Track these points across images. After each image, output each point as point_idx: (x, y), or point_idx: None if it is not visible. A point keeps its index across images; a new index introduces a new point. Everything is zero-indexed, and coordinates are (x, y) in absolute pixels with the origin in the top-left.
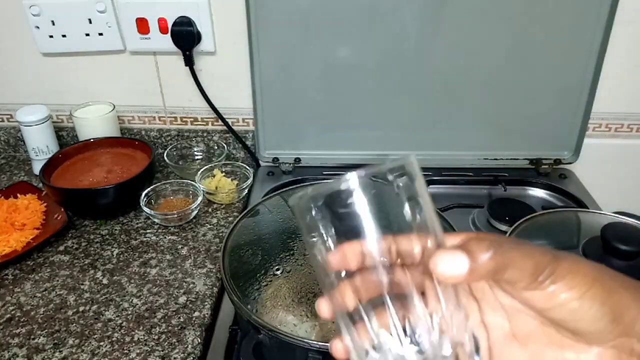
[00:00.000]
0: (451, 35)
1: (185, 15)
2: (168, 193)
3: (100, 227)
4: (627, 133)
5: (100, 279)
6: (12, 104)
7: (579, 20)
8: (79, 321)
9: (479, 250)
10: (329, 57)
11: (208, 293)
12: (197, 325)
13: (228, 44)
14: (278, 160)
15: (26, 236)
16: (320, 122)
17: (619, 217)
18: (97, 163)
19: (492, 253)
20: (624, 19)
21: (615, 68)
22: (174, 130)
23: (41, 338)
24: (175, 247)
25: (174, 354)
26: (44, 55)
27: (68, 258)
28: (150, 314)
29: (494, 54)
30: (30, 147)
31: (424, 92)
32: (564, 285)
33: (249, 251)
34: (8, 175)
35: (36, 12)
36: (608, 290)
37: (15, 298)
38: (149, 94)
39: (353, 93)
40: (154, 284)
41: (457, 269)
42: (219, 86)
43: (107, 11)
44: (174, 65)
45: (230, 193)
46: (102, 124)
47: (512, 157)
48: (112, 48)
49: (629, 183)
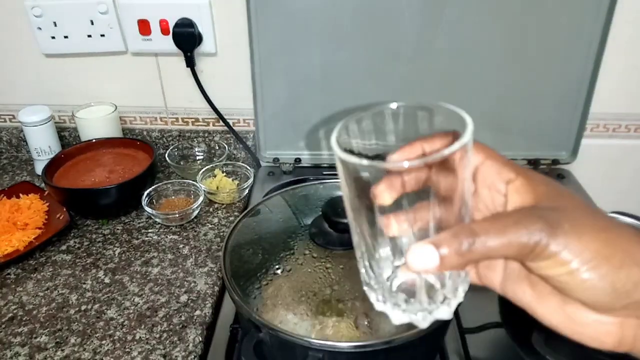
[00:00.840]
0: (450, 36)
1: (186, 17)
2: (169, 193)
3: (102, 226)
4: (625, 133)
5: (102, 278)
6: (14, 105)
7: (577, 21)
8: (81, 320)
9: (452, 244)
10: (329, 57)
11: (209, 292)
12: (198, 323)
13: (229, 45)
14: (278, 161)
15: (28, 236)
16: (320, 122)
17: (617, 217)
18: (99, 163)
19: (466, 247)
20: (623, 20)
21: (613, 69)
22: (176, 131)
23: (43, 337)
24: (176, 246)
25: (175, 352)
26: (46, 56)
27: (70, 257)
28: (151, 312)
29: (492, 55)
30: (32, 148)
31: (424, 92)
32: (554, 262)
33: (250, 250)
34: (10, 175)
35: (38, 13)
36: (616, 265)
37: (18, 297)
38: (151, 95)
39: (353, 93)
40: (155, 283)
41: (426, 264)
42: (219, 87)
43: (109, 12)
44: (176, 66)
45: (231, 193)
46: (104, 125)
47: (510, 157)
48: (113, 49)
49: (627, 183)
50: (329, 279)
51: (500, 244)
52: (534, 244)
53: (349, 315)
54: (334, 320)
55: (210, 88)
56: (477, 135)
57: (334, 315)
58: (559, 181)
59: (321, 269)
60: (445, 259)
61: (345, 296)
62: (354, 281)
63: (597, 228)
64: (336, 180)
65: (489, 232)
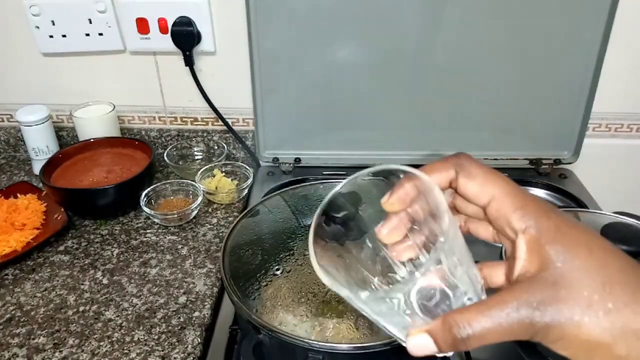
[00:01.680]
0: (451, 35)
1: (185, 15)
2: (168, 193)
3: (100, 227)
4: (627, 133)
5: (100, 279)
6: (12, 104)
7: (579, 20)
8: (79, 321)
9: (444, 335)
10: (328, 57)
11: (208, 293)
12: (197, 325)
13: (228, 44)
14: (278, 160)
15: (26, 236)
16: (320, 122)
17: (619, 217)
18: (97, 163)
19: (454, 338)
20: (624, 19)
21: (615, 68)
22: (174, 130)
23: (41, 338)
24: (175, 247)
25: (174, 354)
26: (44, 55)
27: (68, 258)
28: (150, 314)
29: (494, 55)
30: (30, 147)
31: (424, 92)
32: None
33: (249, 251)
34: (8, 175)
35: (36, 12)
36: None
37: (16, 298)
38: (149, 94)
39: (353, 93)
40: (154, 284)
41: (425, 350)
42: (218, 86)
43: (107, 11)
44: (174, 65)
45: (230, 193)
46: (102, 124)
47: (512, 157)
48: (112, 48)
49: (629, 183)
50: None
51: (496, 325)
52: (530, 336)
53: (349, 317)
54: (334, 322)
55: (209, 87)
56: (479, 135)
57: (334, 316)
58: (561, 181)
59: None
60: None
61: None
62: None
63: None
64: (336, 181)
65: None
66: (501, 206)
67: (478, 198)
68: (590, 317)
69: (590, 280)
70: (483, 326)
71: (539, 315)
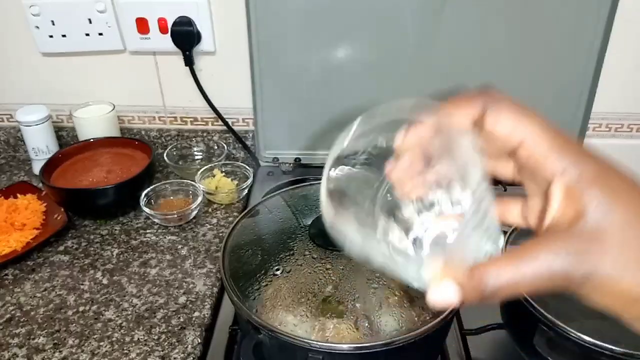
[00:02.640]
0: (451, 35)
1: (185, 15)
2: (168, 193)
3: (100, 227)
4: (628, 133)
5: (100, 279)
6: (11, 104)
7: (579, 20)
8: (79, 321)
9: (472, 285)
10: (328, 57)
11: (208, 293)
12: (197, 325)
13: (228, 43)
14: (278, 160)
15: (26, 236)
16: (320, 122)
17: None
18: (97, 163)
19: (482, 290)
20: (625, 19)
21: (615, 68)
22: (174, 130)
23: (41, 338)
24: (175, 247)
25: (173, 354)
26: (43, 55)
27: (68, 258)
28: (150, 314)
29: (493, 54)
30: (30, 147)
31: (424, 91)
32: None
33: (249, 251)
34: (8, 175)
35: (36, 12)
36: None
37: (15, 298)
38: (149, 94)
39: (353, 93)
40: (153, 284)
41: (447, 301)
42: (218, 86)
43: (107, 11)
44: (174, 65)
45: (230, 193)
46: (102, 124)
47: None
48: (112, 48)
49: None
50: (329, 279)
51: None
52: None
53: (349, 317)
54: (334, 322)
55: (209, 87)
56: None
57: (334, 316)
58: None
59: (321, 269)
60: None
61: (345, 297)
62: (355, 282)
63: None
64: None
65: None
66: (537, 147)
67: (509, 139)
68: (630, 272)
69: (630, 233)
70: (514, 278)
71: (575, 269)
